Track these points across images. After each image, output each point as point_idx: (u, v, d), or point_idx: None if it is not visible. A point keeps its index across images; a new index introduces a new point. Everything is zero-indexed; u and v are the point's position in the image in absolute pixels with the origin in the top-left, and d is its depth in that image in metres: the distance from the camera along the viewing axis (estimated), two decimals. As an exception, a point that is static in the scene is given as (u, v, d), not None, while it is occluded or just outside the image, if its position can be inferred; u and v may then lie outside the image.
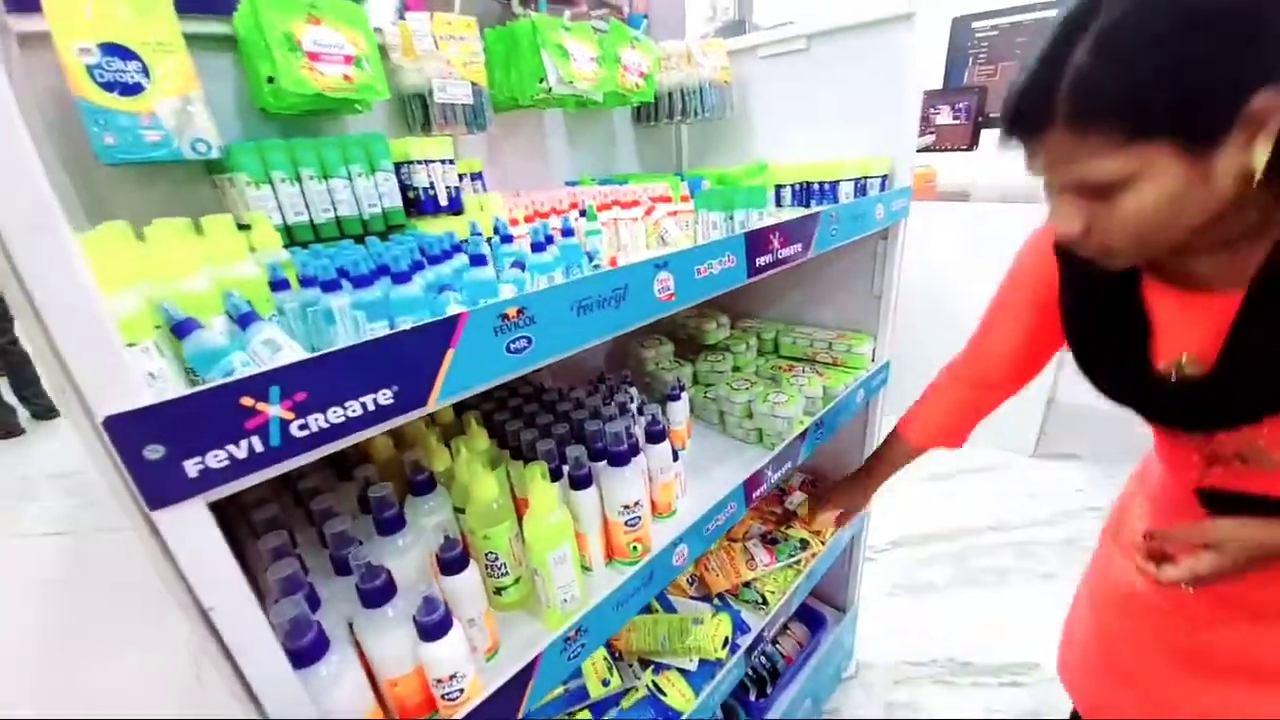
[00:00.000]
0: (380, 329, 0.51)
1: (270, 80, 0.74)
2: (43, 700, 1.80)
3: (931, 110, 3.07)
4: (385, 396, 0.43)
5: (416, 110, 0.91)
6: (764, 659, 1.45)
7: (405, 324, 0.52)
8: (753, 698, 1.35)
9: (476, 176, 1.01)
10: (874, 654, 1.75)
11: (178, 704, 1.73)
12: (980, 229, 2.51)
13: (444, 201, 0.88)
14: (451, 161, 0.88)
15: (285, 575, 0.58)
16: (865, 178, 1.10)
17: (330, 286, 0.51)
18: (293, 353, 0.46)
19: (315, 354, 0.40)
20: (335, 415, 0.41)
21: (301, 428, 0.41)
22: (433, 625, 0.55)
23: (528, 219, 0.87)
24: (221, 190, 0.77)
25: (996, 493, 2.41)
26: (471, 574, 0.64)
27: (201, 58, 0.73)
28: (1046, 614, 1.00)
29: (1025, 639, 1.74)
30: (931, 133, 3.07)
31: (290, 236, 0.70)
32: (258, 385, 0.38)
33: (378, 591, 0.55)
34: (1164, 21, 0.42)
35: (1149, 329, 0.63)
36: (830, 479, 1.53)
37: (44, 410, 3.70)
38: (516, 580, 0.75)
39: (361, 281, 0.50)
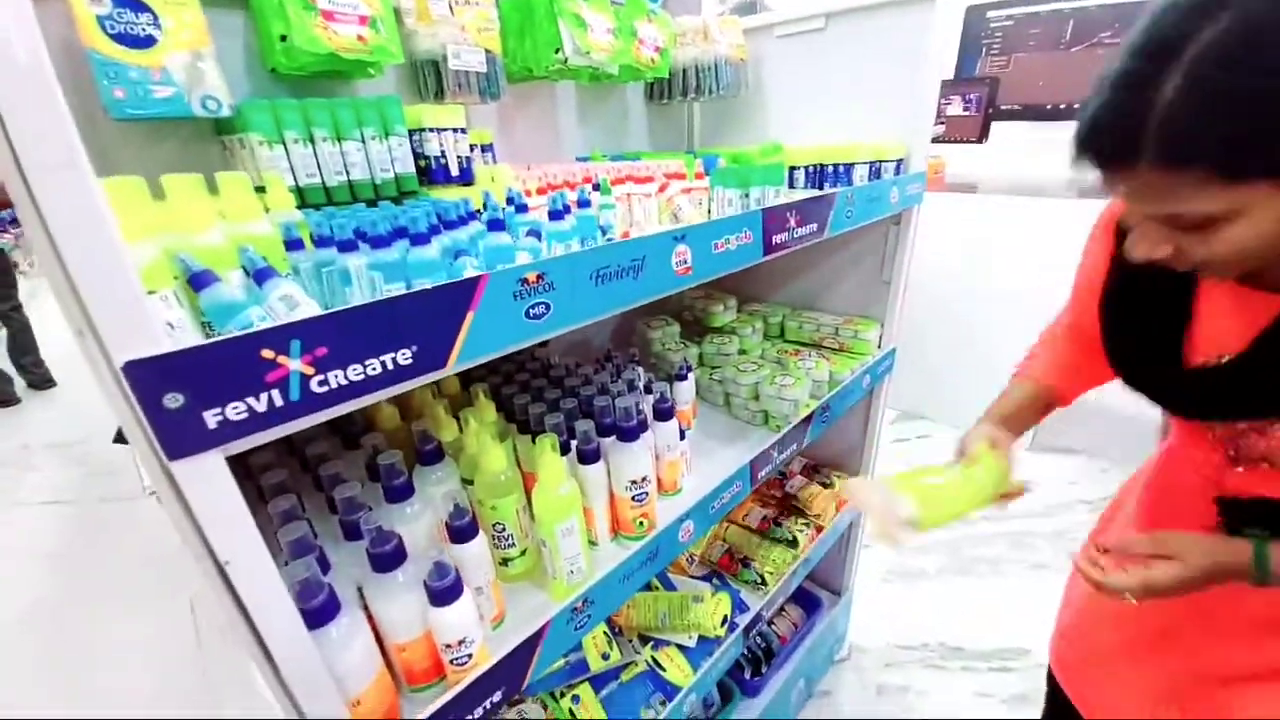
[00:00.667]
0: (398, 291, 0.50)
1: (283, 38, 0.72)
2: (43, 665, 1.81)
3: (942, 100, 3.04)
4: (405, 356, 0.43)
5: (429, 77, 0.90)
6: (760, 639, 1.46)
7: (423, 286, 0.51)
8: (748, 676, 1.36)
9: (487, 148, 1.00)
10: (866, 637, 1.78)
11: (178, 669, 1.74)
12: (987, 221, 2.50)
13: (455, 171, 0.86)
14: (464, 130, 0.87)
15: (296, 538, 0.58)
16: (880, 162, 1.09)
17: (347, 246, 0.50)
18: (310, 309, 0.45)
19: (337, 309, 0.39)
20: (355, 373, 0.41)
21: (321, 383, 0.40)
22: (444, 590, 0.56)
23: (540, 191, 0.85)
24: (230, 150, 0.75)
25: (992, 485, 2.43)
26: (480, 543, 0.64)
27: (213, 14, 0.71)
28: (1038, 602, 1.02)
29: (1016, 626, 1.77)
30: (942, 123, 3.04)
31: (302, 198, 0.69)
32: (279, 338, 0.38)
33: (388, 556, 0.55)
34: (1265, 59, 0.39)
35: (1190, 318, 0.61)
36: (831, 463, 1.54)
37: (41, 380, 3.68)
38: (523, 552, 0.75)
39: (379, 242, 0.49)
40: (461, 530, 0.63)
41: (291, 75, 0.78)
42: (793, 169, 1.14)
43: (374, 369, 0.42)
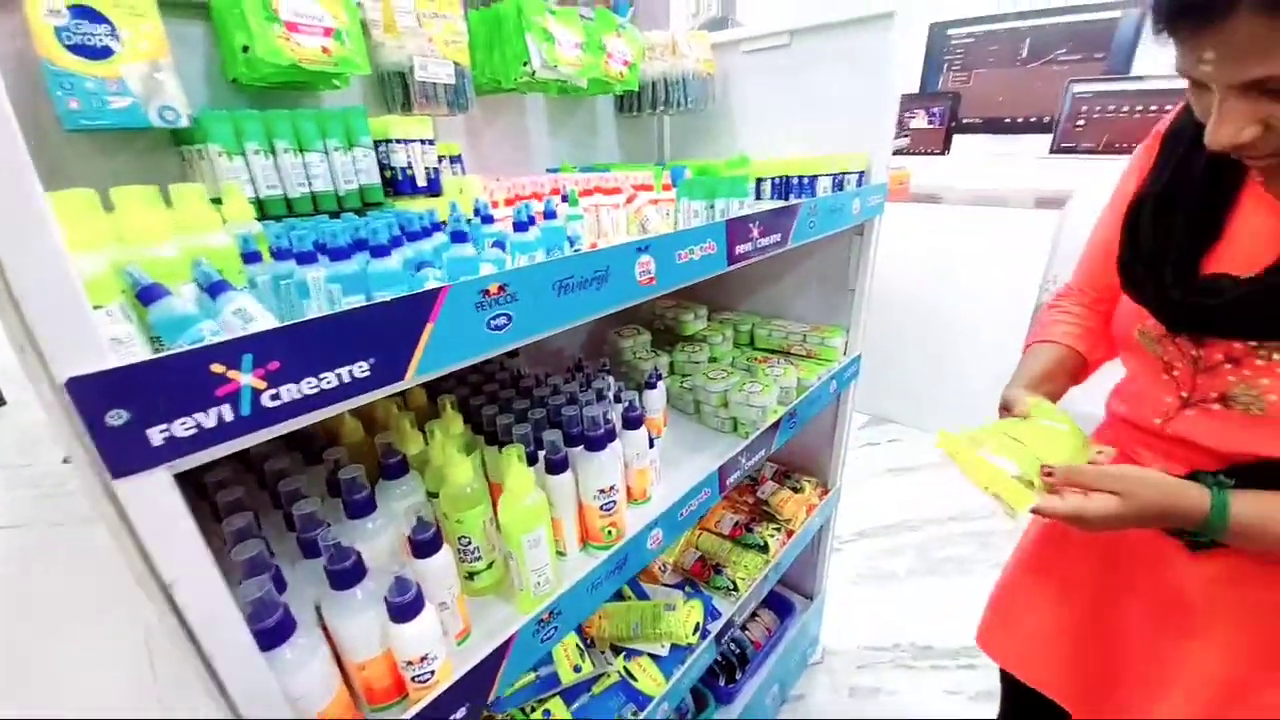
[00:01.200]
0: (358, 303, 0.50)
1: (245, 49, 0.71)
2: (-15, 694, 1.72)
3: (907, 114, 3.14)
4: (362, 369, 0.42)
5: (396, 89, 0.90)
6: (734, 644, 1.47)
7: (383, 299, 0.51)
8: (723, 683, 1.37)
9: (455, 159, 1.00)
10: (838, 640, 1.80)
11: (128, 692, 1.67)
12: (950, 231, 2.58)
13: (422, 182, 0.86)
14: (431, 142, 0.87)
15: (250, 556, 0.57)
16: (843, 174, 1.12)
17: (306, 258, 0.50)
18: (265, 323, 0.45)
19: (292, 322, 0.39)
20: (309, 386, 0.41)
21: (274, 398, 0.40)
22: (404, 606, 0.55)
23: (508, 202, 0.86)
24: (189, 162, 0.74)
25: (959, 485, 2.49)
26: (444, 557, 0.63)
27: (173, 25, 0.71)
28: None
29: (983, 627, 1.81)
30: (906, 135, 3.13)
31: (262, 210, 0.68)
32: (230, 352, 0.37)
33: (347, 573, 0.55)
34: None
35: (1221, 232, 0.58)
36: (802, 469, 1.56)
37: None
38: (489, 565, 0.75)
39: (338, 254, 0.49)
40: (424, 544, 0.62)
41: (253, 86, 0.77)
42: (759, 180, 1.17)
43: (329, 382, 0.41)
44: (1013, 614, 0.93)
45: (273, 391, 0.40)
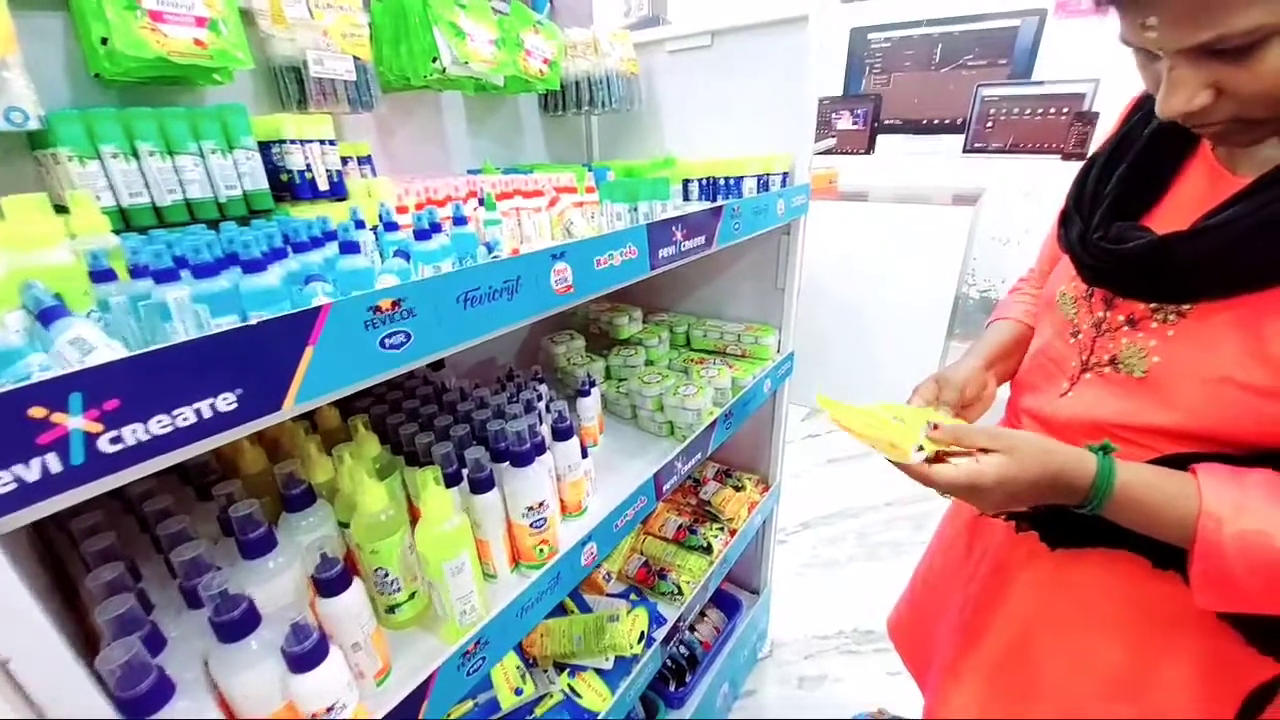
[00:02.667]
0: (229, 324, 0.45)
1: (104, 41, 0.63)
2: None
3: (833, 115, 3.25)
4: (227, 402, 0.38)
5: (291, 84, 0.83)
6: (683, 647, 1.47)
7: (260, 318, 0.46)
8: (672, 687, 1.36)
9: (365, 160, 0.93)
10: (786, 631, 1.83)
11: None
12: (877, 227, 2.69)
13: (324, 186, 0.80)
14: (333, 142, 0.81)
15: (118, 614, 0.50)
16: (768, 174, 1.13)
17: (166, 277, 0.44)
18: (110, 353, 0.39)
19: (130, 354, 0.34)
20: (160, 426, 0.35)
21: (114, 441, 0.34)
22: (304, 655, 0.50)
23: (419, 207, 0.81)
24: (45, 168, 0.65)
25: (893, 471, 2.59)
26: (355, 594, 0.58)
27: (25, 18, 0.63)
28: None
29: (919, 606, 1.89)
30: (833, 136, 3.24)
31: (126, 221, 0.61)
32: (51, 392, 0.32)
33: (235, 624, 0.49)
34: None
35: (1163, 192, 0.58)
36: (743, 466, 1.57)
37: None
38: (411, 595, 0.70)
39: (204, 271, 0.44)
40: (330, 583, 0.57)
41: (120, 82, 0.69)
42: (686, 181, 1.16)
43: (186, 419, 0.36)
44: (914, 603, 0.97)
45: (112, 435, 0.34)
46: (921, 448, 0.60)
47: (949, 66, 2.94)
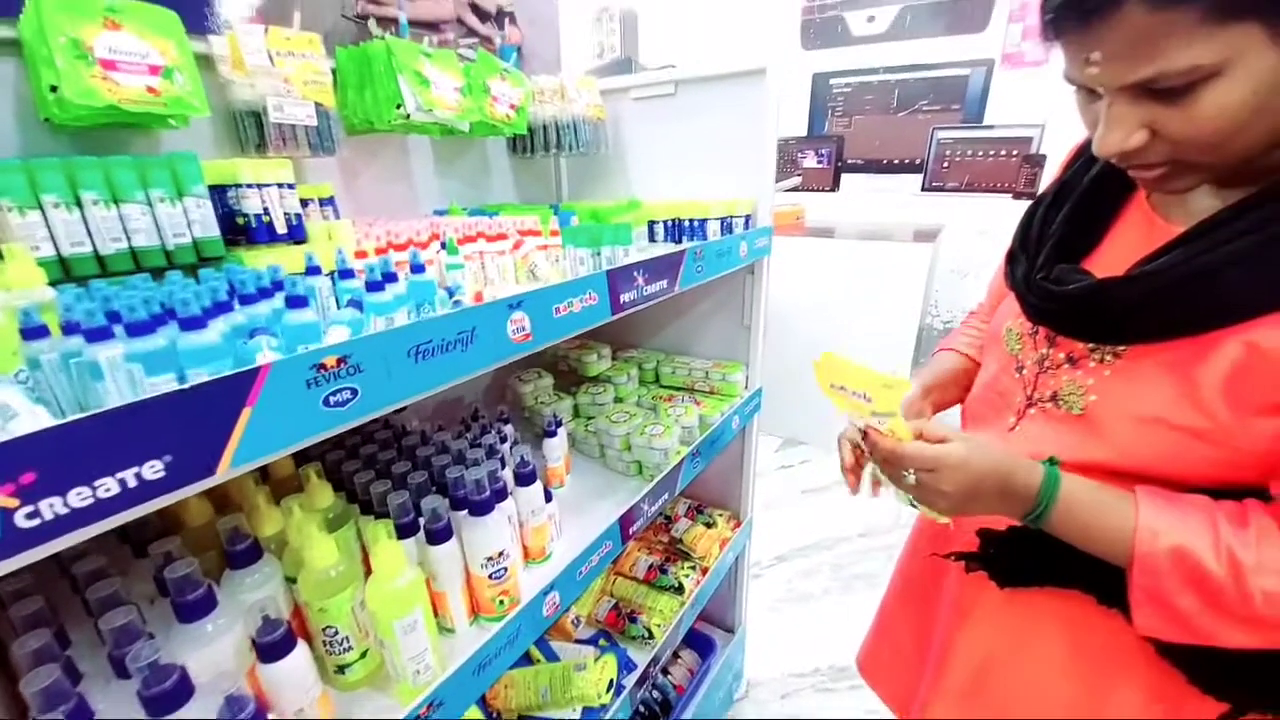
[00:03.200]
0: (165, 383, 0.44)
1: (54, 89, 0.63)
2: None
3: (799, 154, 3.37)
4: (154, 470, 0.36)
5: (250, 129, 0.82)
6: (655, 691, 1.43)
7: (198, 377, 0.45)
8: (644, 736, 1.32)
9: (328, 201, 0.93)
10: (762, 670, 1.80)
11: None
12: (843, 262, 2.76)
13: (281, 229, 0.79)
14: (292, 186, 0.81)
15: (42, 687, 0.47)
16: (731, 217, 1.16)
17: (97, 335, 0.43)
18: (33, 420, 0.38)
19: (50, 425, 0.33)
20: (80, 498, 0.34)
21: (30, 516, 0.33)
22: (238, 729, 0.47)
23: (379, 251, 0.80)
24: (-14, 213, 0.63)
25: (865, 502, 2.62)
26: (298, 659, 0.56)
27: None
28: None
29: (893, 640, 1.88)
30: (799, 174, 3.36)
31: (66, 271, 0.59)
32: (-39, 468, 0.30)
33: (165, 697, 0.46)
34: None
35: (1101, 237, 0.60)
36: (714, 503, 1.57)
37: None
38: (363, 654, 0.67)
39: (138, 329, 0.42)
40: (272, 648, 0.54)
41: (72, 127, 0.68)
42: (652, 223, 1.18)
43: (109, 490, 0.35)
44: (882, 638, 0.97)
45: (29, 509, 0.33)
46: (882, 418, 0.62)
47: (906, 110, 3.09)
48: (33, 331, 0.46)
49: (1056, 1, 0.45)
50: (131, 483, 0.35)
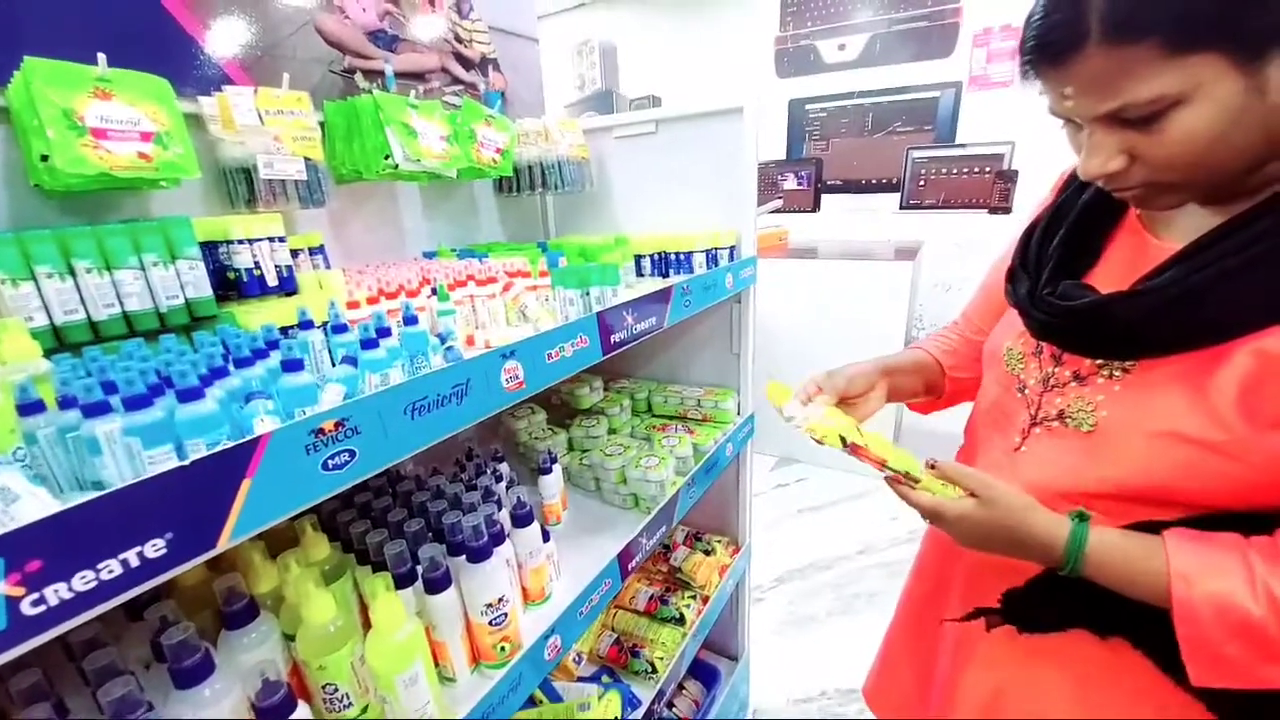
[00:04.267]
0: (163, 455, 0.44)
1: (44, 158, 0.64)
2: None
3: (779, 176, 3.45)
4: (155, 548, 0.37)
5: (240, 185, 0.84)
6: (661, 727, 1.41)
7: (196, 447, 0.45)
8: (651, 774, 1.29)
9: (317, 250, 0.94)
10: (767, 697, 1.78)
11: None
12: (826, 282, 2.81)
13: (273, 282, 0.80)
14: (283, 239, 0.82)
15: (38, 766, 0.46)
16: (716, 249, 1.18)
17: (95, 410, 0.43)
18: (35, 503, 0.38)
19: (52, 512, 0.33)
20: (84, 582, 0.34)
21: (37, 603, 0.33)
22: (240, 801, 0.47)
23: (371, 300, 0.82)
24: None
25: (863, 518, 2.62)
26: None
27: None
28: None
29: (897, 659, 1.87)
30: (780, 196, 3.43)
31: (59, 338, 0.60)
32: (-32, 559, 0.31)
33: (165, 771, 0.46)
34: None
35: (1098, 256, 0.62)
36: (713, 529, 1.56)
37: None
38: (363, 710, 0.66)
39: (136, 403, 0.43)
40: (273, 710, 0.54)
41: (62, 193, 0.69)
42: (639, 257, 1.20)
43: (111, 571, 0.35)
44: (889, 666, 0.96)
45: (34, 597, 0.33)
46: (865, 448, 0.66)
47: (881, 132, 3.19)
48: (29, 407, 0.46)
49: (1029, 47, 0.49)
50: (134, 562, 0.36)
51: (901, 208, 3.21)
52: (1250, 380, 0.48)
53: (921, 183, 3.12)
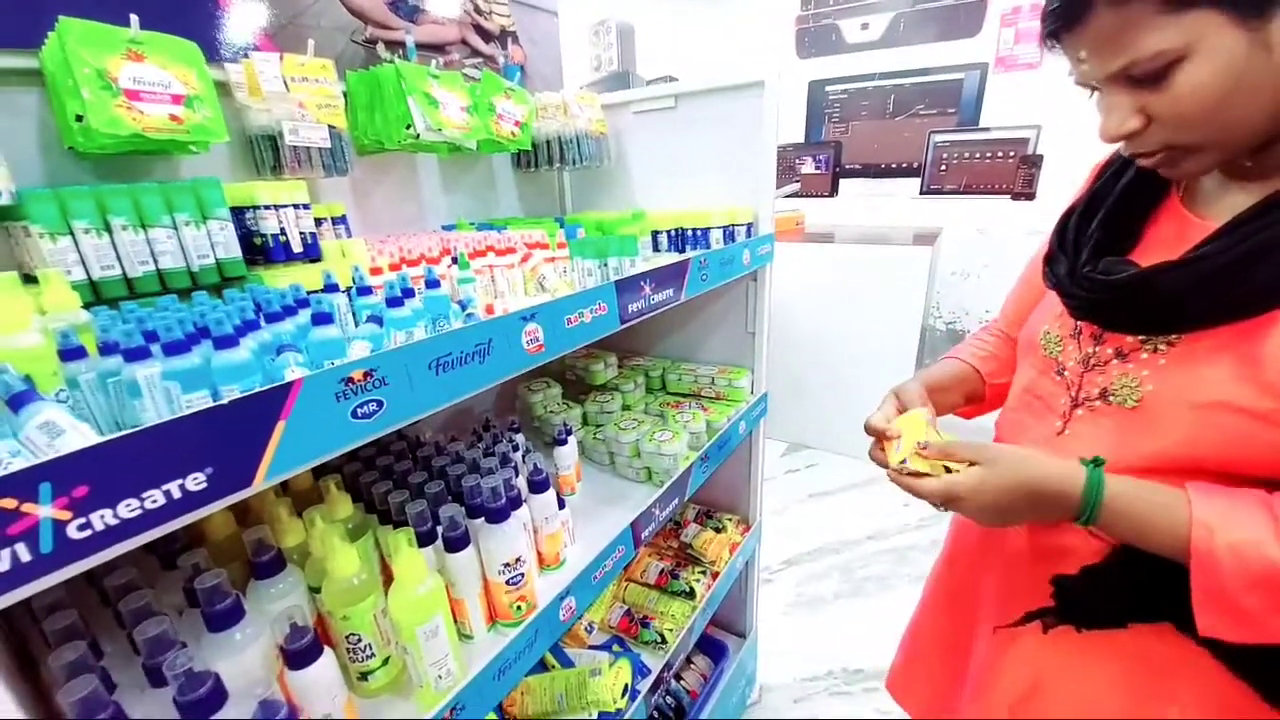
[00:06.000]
0: (200, 400, 0.46)
1: (79, 119, 0.65)
2: None
3: (797, 160, 3.40)
4: (196, 481, 0.38)
5: (266, 152, 0.85)
6: (669, 697, 1.43)
7: (231, 393, 0.47)
8: (659, 742, 1.32)
9: (340, 220, 0.96)
10: (774, 675, 1.80)
11: None
12: (843, 266, 2.78)
13: (297, 248, 0.82)
14: (307, 206, 0.83)
15: (82, 697, 0.48)
16: (733, 225, 1.18)
17: (135, 355, 0.45)
18: (79, 437, 0.39)
19: (98, 441, 0.35)
20: (129, 509, 0.36)
21: (82, 528, 0.35)
22: (272, 733, 0.49)
23: (393, 267, 0.83)
24: (15, 239, 0.66)
25: (874, 504, 2.62)
26: (325, 665, 0.57)
27: (2, 94, 0.66)
28: None
29: (905, 642, 1.88)
30: (798, 180, 3.38)
31: (97, 293, 0.61)
32: (21, 483, 0.32)
33: (200, 703, 0.48)
34: None
35: (1138, 239, 0.62)
36: (723, 507, 1.58)
37: None
38: (385, 661, 0.69)
39: (174, 348, 0.45)
40: (299, 654, 0.56)
41: (95, 155, 0.71)
42: (656, 233, 1.20)
43: (155, 501, 0.37)
44: (915, 656, 0.96)
45: (80, 521, 0.35)
46: (904, 461, 0.64)
47: (903, 115, 3.13)
48: (71, 352, 0.48)
49: (1048, 14, 0.52)
50: (176, 494, 0.37)
51: (922, 193, 3.16)
52: None
53: (943, 167, 3.06)
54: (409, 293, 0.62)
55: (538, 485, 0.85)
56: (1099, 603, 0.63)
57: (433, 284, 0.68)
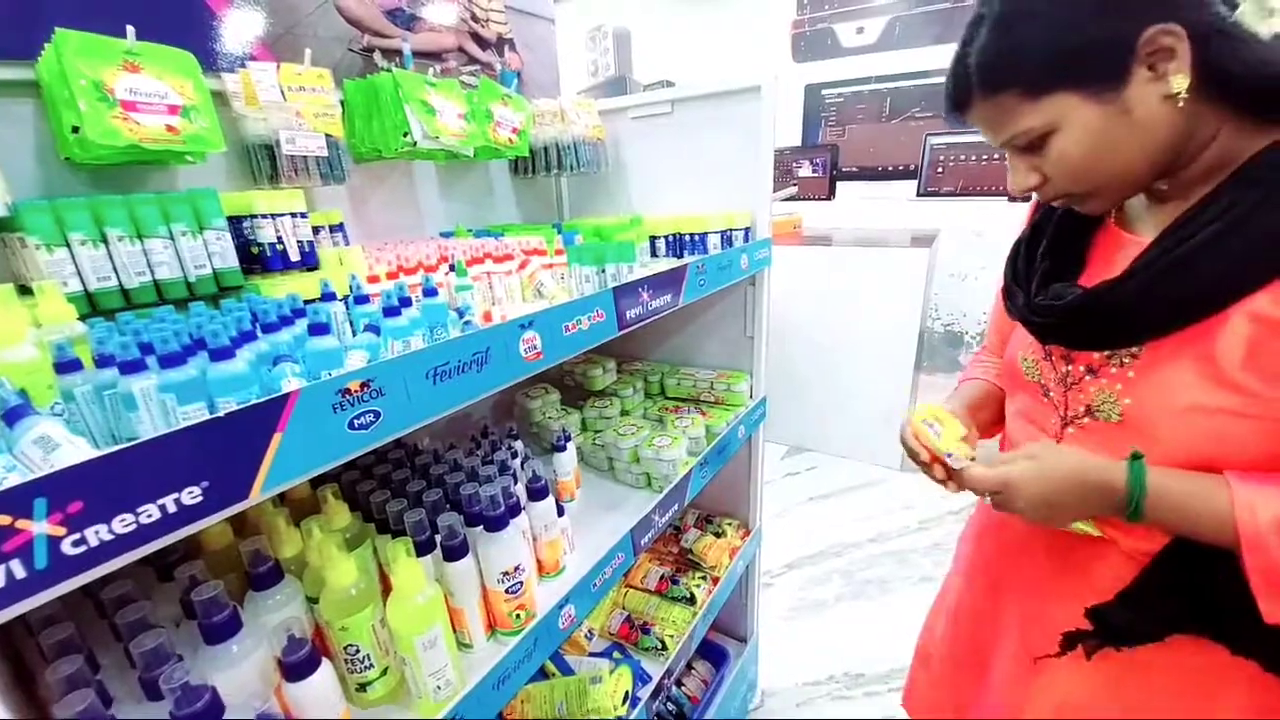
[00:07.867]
0: (196, 412, 0.45)
1: (75, 130, 0.65)
2: None
3: (794, 164, 3.41)
4: (192, 495, 0.38)
5: (263, 161, 0.85)
6: (670, 704, 1.43)
7: (227, 405, 0.46)
8: (660, 749, 1.32)
9: (337, 228, 0.96)
10: (776, 680, 1.79)
11: None
12: (841, 269, 2.79)
13: (295, 256, 0.82)
14: (304, 214, 0.83)
15: (77, 711, 0.48)
16: (730, 230, 1.18)
17: (131, 367, 0.44)
18: (74, 451, 0.39)
19: (94, 455, 0.34)
20: (124, 524, 0.36)
21: (77, 544, 0.34)
22: (270, 747, 0.48)
23: (391, 275, 0.83)
24: (11, 249, 0.66)
25: (875, 507, 2.62)
26: (323, 676, 0.57)
27: None
28: (923, 616, 1.09)
29: (907, 644, 1.87)
30: (795, 184, 3.39)
31: (92, 304, 0.61)
32: (16, 499, 0.32)
33: (197, 717, 0.47)
34: None
35: (1084, 263, 0.66)
36: (723, 512, 1.57)
37: None
38: (383, 672, 0.68)
39: (170, 360, 0.44)
40: (297, 666, 0.55)
41: (91, 166, 0.71)
42: (654, 238, 1.20)
43: (150, 515, 0.37)
44: (939, 680, 0.94)
45: (75, 537, 0.34)
46: (950, 454, 0.68)
47: (899, 118, 3.14)
48: (66, 365, 0.48)
49: (945, 99, 0.62)
50: (172, 508, 0.37)
51: (918, 195, 3.16)
52: (1252, 343, 0.51)
53: (939, 169, 3.07)
54: (406, 302, 0.62)
55: (536, 492, 0.84)
56: (1137, 623, 0.64)
57: (430, 292, 0.68)
